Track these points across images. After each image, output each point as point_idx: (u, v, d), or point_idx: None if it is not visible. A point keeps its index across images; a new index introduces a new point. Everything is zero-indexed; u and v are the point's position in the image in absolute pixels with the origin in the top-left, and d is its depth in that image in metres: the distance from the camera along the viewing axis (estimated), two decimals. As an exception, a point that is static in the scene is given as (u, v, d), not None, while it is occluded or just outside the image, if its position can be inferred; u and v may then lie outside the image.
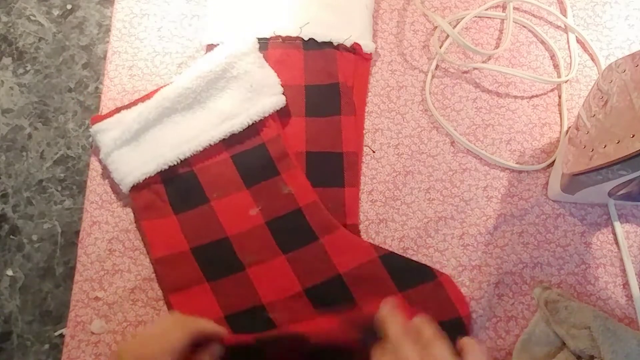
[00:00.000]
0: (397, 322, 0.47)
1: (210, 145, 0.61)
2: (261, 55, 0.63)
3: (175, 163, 0.60)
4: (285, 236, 0.60)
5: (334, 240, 0.59)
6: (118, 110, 0.63)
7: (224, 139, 0.61)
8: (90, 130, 0.62)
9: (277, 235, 0.60)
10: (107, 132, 0.62)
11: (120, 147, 0.61)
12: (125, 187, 0.60)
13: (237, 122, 0.61)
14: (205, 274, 0.58)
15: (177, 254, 0.59)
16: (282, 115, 0.64)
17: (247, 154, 0.62)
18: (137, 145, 0.61)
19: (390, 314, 0.48)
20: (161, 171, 0.60)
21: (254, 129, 0.61)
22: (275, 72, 0.64)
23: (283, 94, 0.63)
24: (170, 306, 0.58)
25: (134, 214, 0.62)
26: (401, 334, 0.46)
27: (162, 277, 0.59)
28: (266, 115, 0.61)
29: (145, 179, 0.60)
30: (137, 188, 0.60)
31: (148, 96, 0.63)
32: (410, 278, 0.58)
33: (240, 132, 0.61)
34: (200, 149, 0.60)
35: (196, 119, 0.61)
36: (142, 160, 0.60)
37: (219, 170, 0.61)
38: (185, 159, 0.60)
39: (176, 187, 0.61)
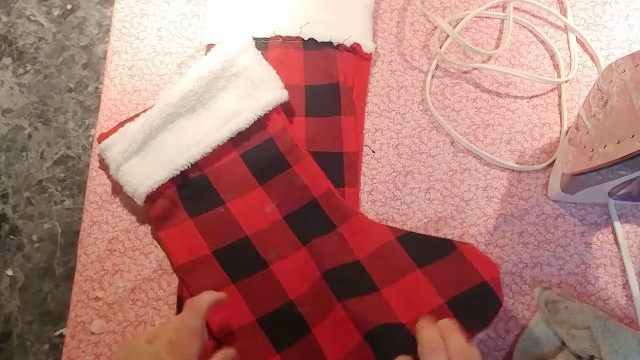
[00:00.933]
0: (429, 334, 0.49)
1: (218, 145, 0.60)
2: (259, 52, 0.63)
3: (186, 167, 0.59)
4: (304, 228, 0.59)
5: (351, 227, 0.59)
6: (122, 124, 0.62)
7: (231, 138, 0.61)
8: (98, 149, 0.62)
9: (296, 228, 0.59)
10: (113, 147, 0.61)
11: (128, 159, 0.60)
12: (139, 198, 0.59)
13: (242, 120, 0.60)
14: (230, 276, 0.58)
15: (199, 258, 0.59)
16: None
17: (256, 150, 0.61)
18: (145, 154, 0.60)
19: (425, 326, 0.50)
20: (173, 178, 0.59)
21: (260, 124, 0.61)
22: (276, 72, 0.64)
23: (284, 88, 0.62)
24: None
25: (151, 225, 0.62)
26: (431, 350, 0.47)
27: (189, 285, 0.58)
28: (270, 109, 0.61)
29: (158, 187, 0.59)
30: (151, 198, 0.59)
31: (151, 108, 0.62)
32: (430, 254, 0.57)
33: (246, 130, 0.61)
34: (210, 150, 0.60)
35: (201, 121, 0.61)
36: (152, 168, 0.59)
37: (231, 170, 0.61)
38: (195, 163, 0.60)
39: (190, 192, 0.60)
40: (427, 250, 0.58)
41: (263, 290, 0.58)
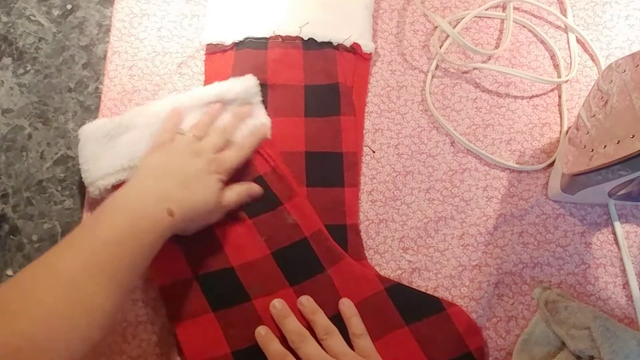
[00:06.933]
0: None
1: None
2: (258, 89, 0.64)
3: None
4: (292, 267, 0.58)
5: (340, 271, 0.58)
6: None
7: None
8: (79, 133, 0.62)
9: (284, 266, 0.58)
10: (87, 128, 0.61)
11: (93, 140, 0.60)
12: (95, 190, 0.59)
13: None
14: (211, 303, 0.57)
15: (180, 281, 0.57)
16: (280, 114, 0.64)
17: None
18: (112, 145, 0.60)
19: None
20: None
21: (250, 164, 0.61)
22: (275, 72, 0.64)
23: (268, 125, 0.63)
24: (175, 335, 0.57)
25: None
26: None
27: (167, 306, 0.58)
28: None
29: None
30: None
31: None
32: (418, 310, 0.57)
33: (235, 170, 0.60)
34: None
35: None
36: (115, 166, 0.59)
37: None
38: None
39: None
40: (415, 305, 0.57)
41: (242, 323, 0.56)
